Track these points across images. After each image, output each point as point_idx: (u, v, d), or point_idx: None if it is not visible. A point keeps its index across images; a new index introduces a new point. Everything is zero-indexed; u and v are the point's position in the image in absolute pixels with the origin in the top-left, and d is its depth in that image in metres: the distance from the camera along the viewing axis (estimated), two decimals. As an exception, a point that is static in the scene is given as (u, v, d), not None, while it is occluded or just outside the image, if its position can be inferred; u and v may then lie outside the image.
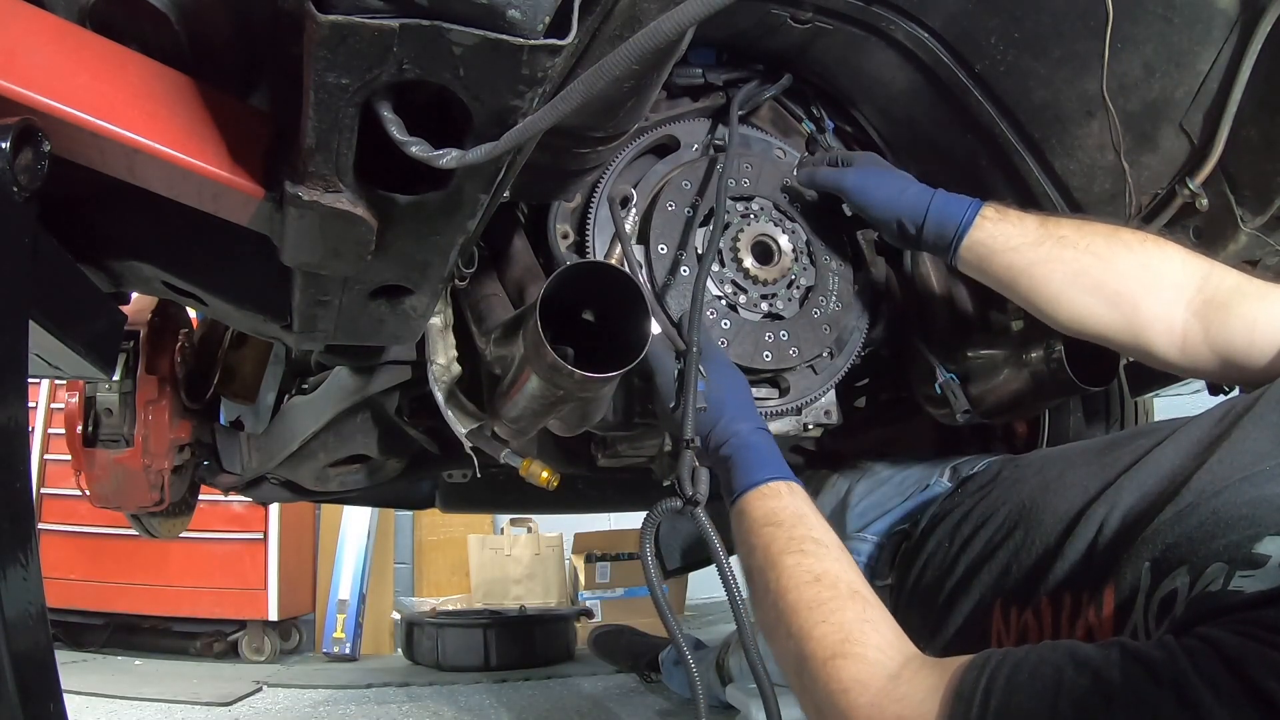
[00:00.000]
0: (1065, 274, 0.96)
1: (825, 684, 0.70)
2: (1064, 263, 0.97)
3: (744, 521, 0.88)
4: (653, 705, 2.50)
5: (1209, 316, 0.89)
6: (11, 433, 0.55)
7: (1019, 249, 0.99)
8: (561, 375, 0.84)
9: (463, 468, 1.81)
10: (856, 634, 0.71)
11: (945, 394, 1.25)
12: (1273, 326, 0.85)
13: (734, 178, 1.14)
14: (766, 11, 1.08)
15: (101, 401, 1.48)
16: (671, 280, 1.10)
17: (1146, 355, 0.95)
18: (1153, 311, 0.92)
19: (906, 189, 1.07)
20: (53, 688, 0.55)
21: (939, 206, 1.04)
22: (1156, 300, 0.92)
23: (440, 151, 0.55)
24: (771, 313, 1.13)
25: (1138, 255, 0.95)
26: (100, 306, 0.82)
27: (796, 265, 1.15)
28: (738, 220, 1.14)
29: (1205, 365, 0.91)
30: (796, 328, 1.13)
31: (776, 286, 1.13)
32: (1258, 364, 0.86)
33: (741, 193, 1.15)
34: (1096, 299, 0.95)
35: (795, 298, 1.15)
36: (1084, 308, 0.96)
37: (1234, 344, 0.88)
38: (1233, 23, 1.02)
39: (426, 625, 3.40)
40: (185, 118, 0.64)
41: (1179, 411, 0.92)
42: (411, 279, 0.81)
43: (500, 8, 0.48)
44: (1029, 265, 0.99)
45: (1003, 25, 1.06)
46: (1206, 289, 0.90)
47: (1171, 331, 0.92)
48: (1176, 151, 1.13)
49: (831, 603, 0.75)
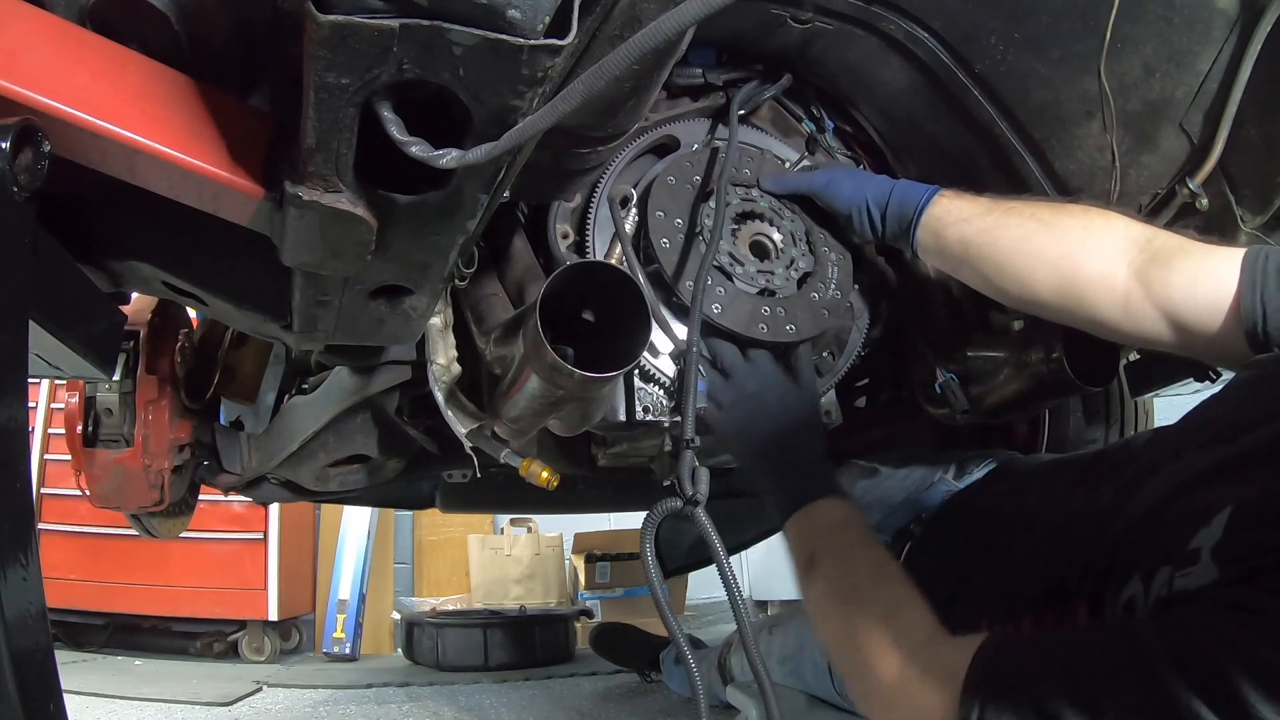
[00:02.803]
0: (1010, 239, 0.97)
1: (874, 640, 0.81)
2: (1009, 229, 0.98)
3: (817, 518, 0.98)
4: (653, 705, 2.50)
5: (1150, 274, 0.88)
6: (11, 433, 0.54)
7: (969, 219, 1.01)
8: (561, 375, 0.84)
9: (463, 468, 1.81)
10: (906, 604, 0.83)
11: (945, 394, 1.25)
12: (1215, 283, 0.83)
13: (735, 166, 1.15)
14: (766, 11, 1.08)
15: (101, 401, 1.48)
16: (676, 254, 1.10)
17: (1091, 321, 0.94)
18: (1094, 270, 0.91)
19: (870, 181, 1.11)
20: (53, 688, 0.55)
21: (900, 191, 1.07)
22: (1098, 260, 0.91)
23: (440, 152, 0.55)
24: (768, 288, 1.13)
25: (1080, 220, 0.95)
26: (100, 306, 0.82)
27: (795, 250, 1.16)
28: (738, 202, 1.15)
29: (1151, 329, 0.89)
30: (794, 306, 1.13)
31: (774, 264, 1.14)
32: (1202, 324, 0.85)
33: (742, 180, 1.16)
34: (1039, 262, 0.95)
35: (793, 279, 1.15)
36: (1028, 272, 0.96)
37: (1175, 301, 0.86)
38: (1233, 23, 1.02)
39: (426, 625, 3.40)
40: (185, 118, 0.64)
41: (1179, 411, 0.92)
42: (411, 279, 0.81)
43: (500, 8, 0.48)
44: (977, 234, 1.00)
45: (1003, 25, 1.06)
46: (1149, 249, 0.89)
47: (1113, 291, 0.90)
48: (1176, 151, 1.13)
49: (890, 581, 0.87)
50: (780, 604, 4.37)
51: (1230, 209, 1.14)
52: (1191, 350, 0.89)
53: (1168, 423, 0.97)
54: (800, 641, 1.51)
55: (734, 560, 0.95)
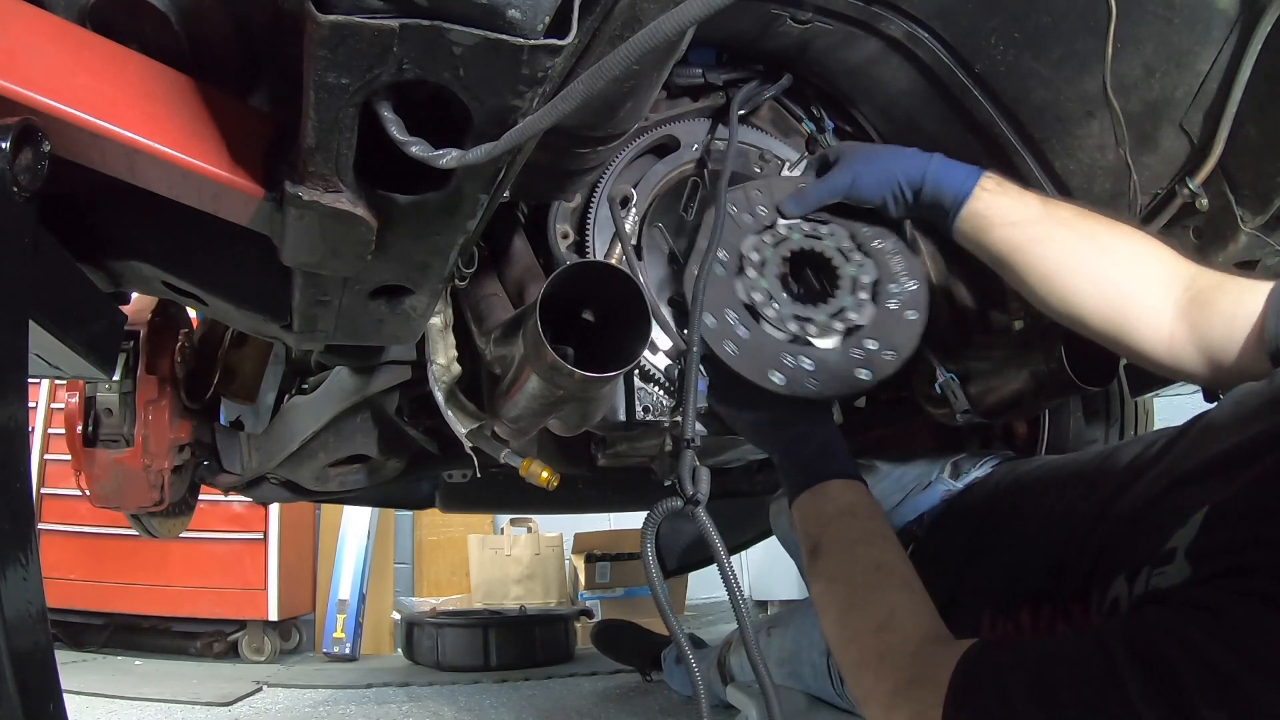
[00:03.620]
0: (1062, 255, 0.95)
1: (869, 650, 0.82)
2: (1062, 243, 0.96)
3: (823, 503, 0.96)
4: (652, 705, 2.50)
5: (1193, 315, 0.89)
6: (11, 433, 0.55)
7: (1018, 224, 0.98)
8: (561, 375, 0.84)
9: (463, 468, 1.81)
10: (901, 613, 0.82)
11: (945, 394, 1.25)
12: (1249, 318, 0.85)
13: (749, 211, 1.09)
14: (766, 11, 1.08)
15: (101, 401, 1.48)
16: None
17: (1131, 349, 0.94)
18: (1142, 306, 0.92)
19: (897, 159, 1.05)
20: (53, 688, 0.55)
21: (937, 171, 1.02)
22: (1146, 296, 0.92)
23: (440, 151, 0.55)
24: (851, 327, 1.05)
25: (1130, 246, 0.94)
26: (100, 306, 0.82)
27: (851, 265, 1.08)
28: (771, 255, 1.07)
29: (1189, 366, 0.91)
30: (825, 360, 1.03)
31: (816, 311, 1.05)
32: (1235, 359, 0.86)
33: (761, 219, 1.10)
34: (1089, 285, 0.94)
35: (837, 330, 1.05)
36: (1076, 293, 0.95)
37: (1214, 341, 0.87)
38: (1233, 23, 1.02)
39: (426, 625, 3.40)
40: (185, 118, 0.64)
41: (1178, 411, 0.92)
42: (411, 279, 0.81)
43: (500, 8, 0.48)
44: (1027, 242, 0.97)
45: (1003, 25, 1.05)
46: (1193, 288, 0.90)
47: (1159, 330, 0.91)
48: (1176, 151, 1.13)
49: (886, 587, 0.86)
50: (780, 604, 4.37)
51: (1230, 209, 1.14)
52: (1225, 384, 0.89)
53: (1168, 424, 0.97)
54: (799, 642, 1.51)
55: (734, 560, 0.94)
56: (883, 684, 0.78)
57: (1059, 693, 0.61)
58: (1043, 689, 0.62)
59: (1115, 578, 0.73)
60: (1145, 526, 0.72)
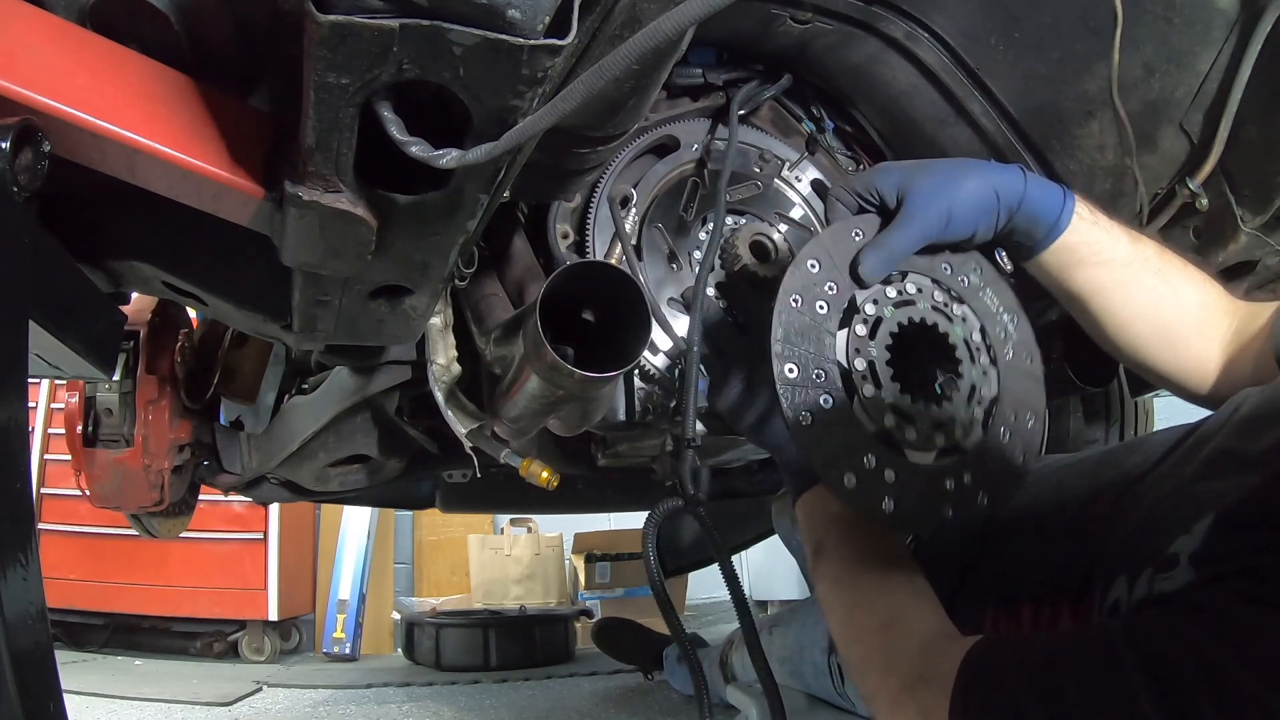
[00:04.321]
0: (1141, 303, 0.93)
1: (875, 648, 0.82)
2: (1143, 289, 0.92)
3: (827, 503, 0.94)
4: (653, 705, 2.49)
5: (1231, 353, 0.91)
6: (11, 433, 0.54)
7: (1108, 265, 0.92)
8: (561, 375, 0.84)
9: (463, 468, 1.81)
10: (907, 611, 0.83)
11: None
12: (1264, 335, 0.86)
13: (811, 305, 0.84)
14: (766, 11, 1.08)
15: (101, 401, 1.48)
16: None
17: (1177, 389, 0.96)
18: (1197, 352, 0.93)
19: (989, 176, 0.89)
20: (53, 688, 0.55)
21: (1034, 198, 0.89)
22: (1203, 342, 0.93)
23: (440, 151, 0.55)
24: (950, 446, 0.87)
25: (1201, 296, 0.94)
26: (100, 306, 0.82)
27: (974, 369, 0.91)
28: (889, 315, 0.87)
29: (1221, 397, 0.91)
30: (983, 458, 0.88)
31: (952, 407, 0.89)
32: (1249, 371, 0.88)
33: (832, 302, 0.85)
34: (1160, 335, 0.94)
35: (977, 415, 0.91)
36: (1146, 341, 0.94)
37: (1244, 374, 0.89)
38: (1233, 23, 1.02)
39: (426, 625, 3.40)
40: (185, 118, 0.64)
41: (1178, 411, 0.93)
42: (411, 279, 0.81)
43: (500, 8, 0.48)
44: (1112, 285, 0.93)
45: (1003, 25, 1.06)
46: (1235, 325, 0.92)
47: (1206, 374, 0.93)
48: (1176, 151, 1.13)
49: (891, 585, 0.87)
50: (780, 604, 4.37)
51: (1230, 209, 1.14)
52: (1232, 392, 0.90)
53: (1168, 424, 0.97)
54: (800, 642, 1.51)
55: (734, 560, 0.94)
56: (889, 681, 0.78)
57: (1064, 691, 0.62)
58: (1048, 687, 0.63)
59: (1116, 579, 0.73)
60: (1147, 529, 0.73)
